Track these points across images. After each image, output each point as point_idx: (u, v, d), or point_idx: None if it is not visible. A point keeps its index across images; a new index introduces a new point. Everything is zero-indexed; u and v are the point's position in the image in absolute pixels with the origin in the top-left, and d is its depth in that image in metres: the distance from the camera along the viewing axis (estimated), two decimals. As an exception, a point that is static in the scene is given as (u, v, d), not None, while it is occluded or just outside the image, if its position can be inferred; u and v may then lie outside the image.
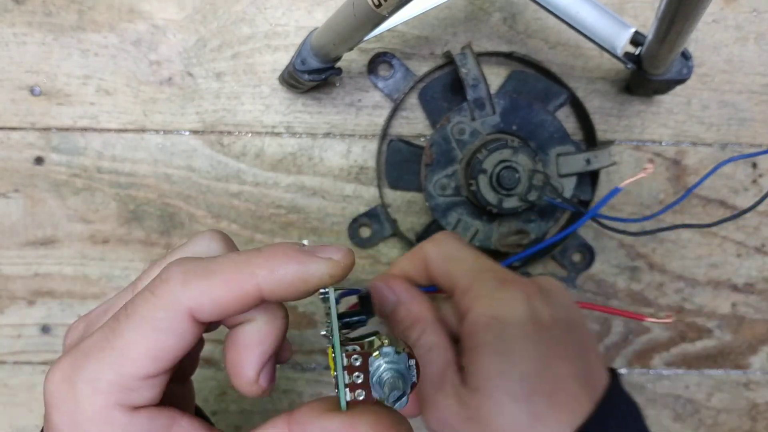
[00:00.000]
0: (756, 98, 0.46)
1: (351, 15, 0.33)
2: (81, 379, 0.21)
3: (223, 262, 0.22)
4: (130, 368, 0.21)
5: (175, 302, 0.21)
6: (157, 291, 0.22)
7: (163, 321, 0.21)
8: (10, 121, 0.46)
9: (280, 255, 0.22)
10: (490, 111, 0.43)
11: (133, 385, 0.21)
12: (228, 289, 0.22)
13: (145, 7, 0.45)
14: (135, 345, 0.21)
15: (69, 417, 0.21)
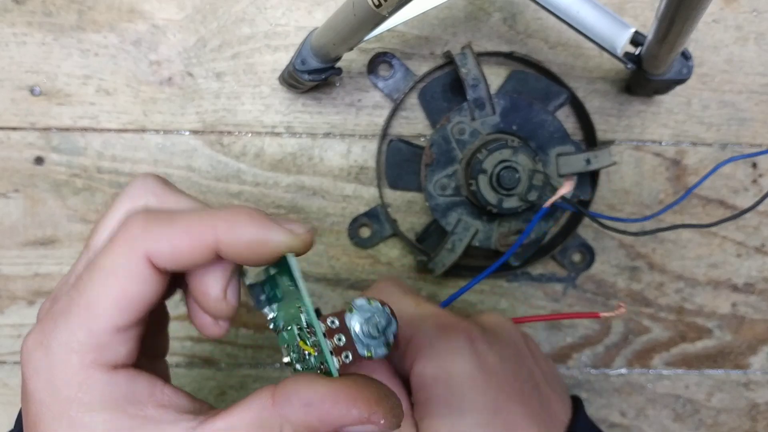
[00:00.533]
0: (756, 98, 0.46)
1: (351, 15, 0.33)
2: (54, 341, 0.21)
3: (186, 213, 0.22)
4: (99, 322, 0.21)
5: (134, 248, 0.21)
6: (119, 239, 0.22)
7: (124, 267, 0.21)
8: (10, 121, 0.46)
9: (245, 215, 0.22)
10: (490, 111, 0.43)
11: (105, 341, 0.21)
12: (188, 238, 0.22)
13: (145, 7, 0.45)
14: (100, 298, 0.21)
15: (46, 382, 0.21)
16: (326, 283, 0.47)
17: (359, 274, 0.47)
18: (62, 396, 0.21)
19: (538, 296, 0.47)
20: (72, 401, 0.21)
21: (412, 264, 0.47)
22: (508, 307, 0.47)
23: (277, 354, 0.47)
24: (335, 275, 0.47)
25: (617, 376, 0.47)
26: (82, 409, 0.21)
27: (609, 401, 0.47)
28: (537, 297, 0.47)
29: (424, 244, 0.46)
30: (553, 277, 0.47)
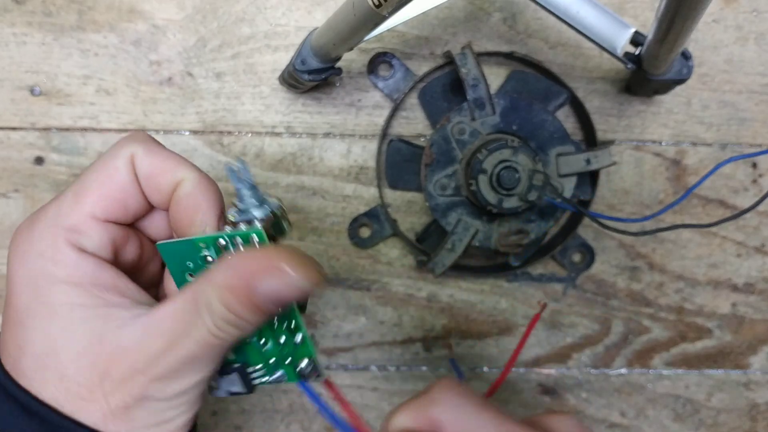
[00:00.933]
0: (756, 98, 0.46)
1: (351, 15, 0.33)
2: (39, 221, 0.24)
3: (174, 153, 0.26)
4: (79, 208, 0.24)
5: (119, 150, 0.25)
6: (114, 146, 0.25)
7: (110, 162, 0.25)
8: (10, 121, 0.46)
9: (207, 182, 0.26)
10: (490, 111, 0.43)
11: (80, 225, 0.24)
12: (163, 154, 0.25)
13: (145, 7, 0.45)
14: (86, 188, 0.24)
15: (23, 254, 0.23)
16: (326, 283, 0.47)
17: (359, 274, 0.47)
18: (35, 267, 0.23)
19: (538, 296, 0.47)
20: (42, 272, 0.23)
21: (412, 264, 0.47)
22: (508, 306, 0.47)
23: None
24: (335, 275, 0.47)
25: (617, 376, 0.47)
26: (50, 279, 0.23)
27: (609, 401, 0.47)
28: (537, 297, 0.47)
29: (424, 244, 0.46)
30: (553, 277, 0.47)
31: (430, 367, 0.47)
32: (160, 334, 0.23)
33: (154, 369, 0.23)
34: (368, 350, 0.47)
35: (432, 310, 0.47)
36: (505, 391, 0.47)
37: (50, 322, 0.23)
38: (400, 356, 0.47)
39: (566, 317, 0.47)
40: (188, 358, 0.23)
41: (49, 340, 0.23)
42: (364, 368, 0.47)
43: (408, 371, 0.47)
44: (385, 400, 0.47)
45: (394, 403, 0.47)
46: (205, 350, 0.23)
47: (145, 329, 0.23)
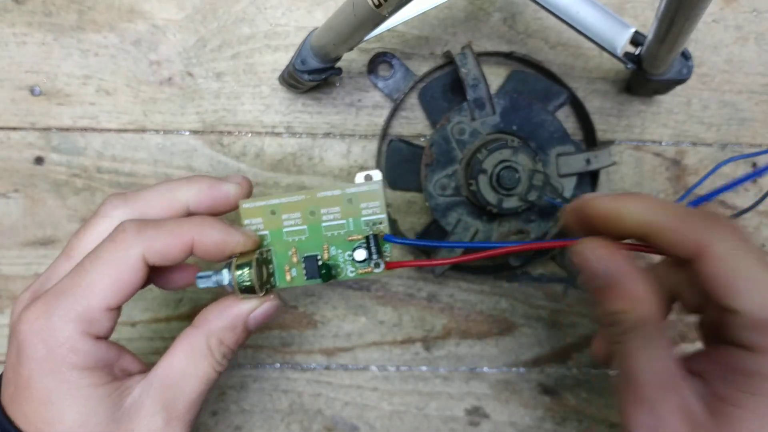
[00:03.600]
0: (756, 98, 0.46)
1: (351, 15, 0.33)
2: (55, 314, 0.26)
3: (167, 222, 0.29)
4: (96, 301, 0.27)
5: (131, 245, 0.27)
6: (117, 238, 0.27)
7: (122, 260, 0.27)
8: (10, 121, 0.46)
9: (210, 222, 0.29)
10: (490, 111, 0.43)
11: (97, 317, 0.27)
12: (173, 240, 0.28)
13: (145, 7, 0.45)
14: (100, 281, 0.27)
15: (44, 345, 0.26)
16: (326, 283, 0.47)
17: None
18: (57, 356, 0.26)
19: (538, 296, 0.47)
20: (64, 360, 0.26)
21: (412, 264, 0.47)
22: (508, 306, 0.47)
23: (276, 354, 0.47)
24: (335, 275, 0.47)
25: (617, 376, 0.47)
26: (71, 367, 0.26)
27: (609, 401, 0.47)
28: (537, 297, 0.47)
29: (424, 244, 0.46)
30: (554, 278, 0.47)
31: (430, 367, 0.47)
32: (168, 385, 0.28)
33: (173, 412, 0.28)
34: (368, 350, 0.47)
35: (432, 310, 0.47)
36: (505, 390, 0.47)
37: (76, 401, 0.26)
38: (400, 356, 0.47)
39: (566, 317, 0.47)
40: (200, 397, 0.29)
41: (79, 415, 0.26)
42: (364, 368, 0.47)
43: (408, 371, 0.47)
44: (385, 400, 0.47)
45: (394, 403, 0.47)
46: (210, 386, 0.30)
47: (151, 384, 0.28)
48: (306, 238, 0.31)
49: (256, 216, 0.31)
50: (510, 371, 0.47)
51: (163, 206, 0.30)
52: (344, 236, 0.31)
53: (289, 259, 0.31)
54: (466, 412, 0.47)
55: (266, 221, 0.31)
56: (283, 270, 0.31)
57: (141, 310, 0.47)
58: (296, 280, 0.31)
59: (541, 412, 0.47)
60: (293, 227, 0.31)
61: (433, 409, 0.47)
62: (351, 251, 0.31)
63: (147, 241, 0.28)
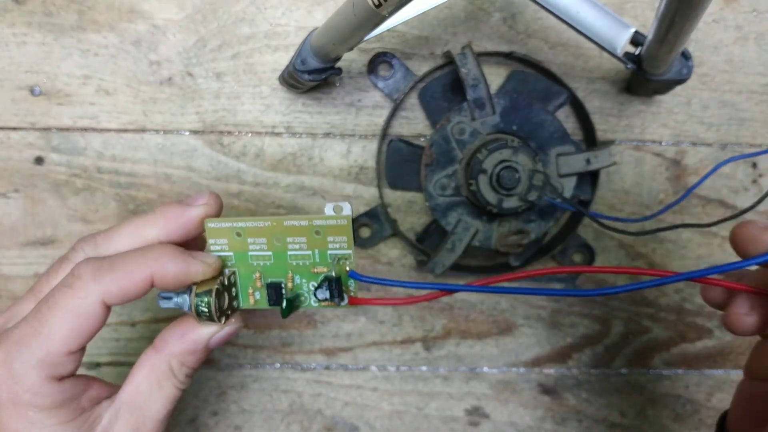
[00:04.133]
0: (756, 98, 0.46)
1: (351, 15, 0.33)
2: (17, 361, 0.27)
3: (124, 258, 0.28)
4: (57, 347, 0.27)
5: (89, 293, 0.27)
6: (74, 285, 0.27)
7: (80, 308, 0.27)
8: (10, 121, 0.46)
9: (169, 254, 0.29)
10: (490, 111, 0.43)
11: (59, 361, 0.27)
12: (131, 279, 0.28)
13: (145, 7, 0.45)
14: (59, 330, 0.27)
15: (8, 391, 0.27)
16: None
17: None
18: (22, 401, 0.27)
19: (538, 296, 0.47)
20: (29, 405, 0.27)
21: (412, 264, 0.47)
22: (508, 307, 0.47)
23: (276, 354, 0.47)
24: (335, 275, 0.47)
25: (617, 376, 0.47)
26: (37, 410, 0.27)
27: (609, 401, 0.47)
28: (537, 297, 0.47)
29: (424, 244, 0.46)
30: (554, 277, 0.47)
31: (430, 367, 0.47)
32: (135, 408, 0.29)
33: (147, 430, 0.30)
34: (368, 350, 0.47)
35: (432, 310, 0.47)
36: (505, 390, 0.47)
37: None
38: (400, 356, 0.47)
39: (566, 317, 0.47)
40: (167, 416, 0.30)
41: None
42: (364, 368, 0.47)
43: (408, 371, 0.47)
44: (384, 400, 0.47)
45: (394, 403, 0.47)
46: (175, 404, 0.31)
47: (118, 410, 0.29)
48: (271, 264, 0.31)
49: (221, 236, 0.30)
50: (510, 371, 0.47)
51: (133, 247, 0.30)
52: (309, 267, 0.30)
53: (253, 282, 0.31)
54: (466, 412, 0.47)
55: (231, 242, 0.30)
56: (247, 292, 0.31)
57: (141, 311, 0.47)
58: (259, 303, 0.31)
59: (541, 412, 0.47)
60: (258, 252, 0.30)
61: (433, 409, 0.47)
62: (316, 282, 0.30)
63: (104, 286, 0.27)
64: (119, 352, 0.47)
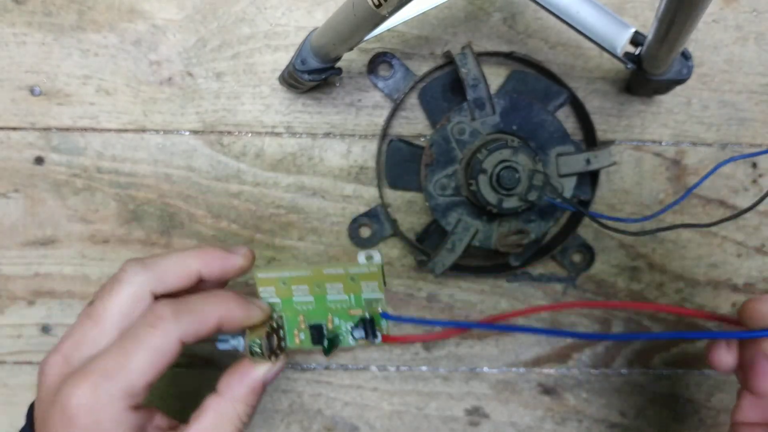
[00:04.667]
0: (756, 98, 0.46)
1: (351, 15, 0.33)
2: (103, 392, 0.30)
3: (197, 302, 0.33)
4: (138, 381, 0.30)
5: (169, 332, 0.31)
6: (156, 325, 0.31)
7: (161, 346, 0.31)
8: (10, 121, 0.46)
9: (234, 300, 0.33)
10: (490, 111, 0.43)
11: (138, 392, 0.31)
12: (204, 323, 0.32)
13: (145, 7, 0.45)
14: (141, 364, 0.30)
15: (93, 419, 0.30)
16: None
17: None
18: (104, 428, 0.30)
19: (538, 296, 0.47)
20: (106, 428, 0.30)
21: (412, 264, 0.47)
22: (508, 306, 0.47)
23: (277, 354, 0.47)
24: (335, 275, 0.47)
25: (617, 376, 0.47)
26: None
27: (609, 401, 0.47)
28: (537, 297, 0.47)
29: (424, 244, 0.46)
30: (553, 278, 0.47)
31: (430, 367, 0.47)
32: None
33: None
34: (368, 350, 0.47)
35: (432, 310, 0.47)
36: (505, 390, 0.47)
37: None
38: (400, 356, 0.47)
39: (566, 317, 0.47)
40: None
41: None
42: (364, 368, 0.47)
43: (408, 371, 0.47)
44: (385, 400, 0.47)
45: (394, 403, 0.47)
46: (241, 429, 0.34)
47: None
48: (313, 308, 0.35)
49: (269, 285, 0.35)
50: (510, 371, 0.47)
51: (177, 273, 0.33)
52: (346, 309, 0.35)
53: (298, 324, 0.35)
54: (466, 412, 0.47)
55: (278, 290, 0.35)
56: (292, 333, 0.36)
57: (141, 310, 0.47)
58: (304, 343, 0.36)
59: (541, 412, 0.47)
60: (302, 297, 0.35)
61: (433, 409, 0.47)
62: (353, 323, 0.35)
63: (182, 327, 0.31)
64: (119, 352, 0.47)
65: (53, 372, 0.32)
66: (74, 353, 0.32)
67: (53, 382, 0.31)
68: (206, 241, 0.46)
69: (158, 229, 0.46)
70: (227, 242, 0.46)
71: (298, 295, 0.35)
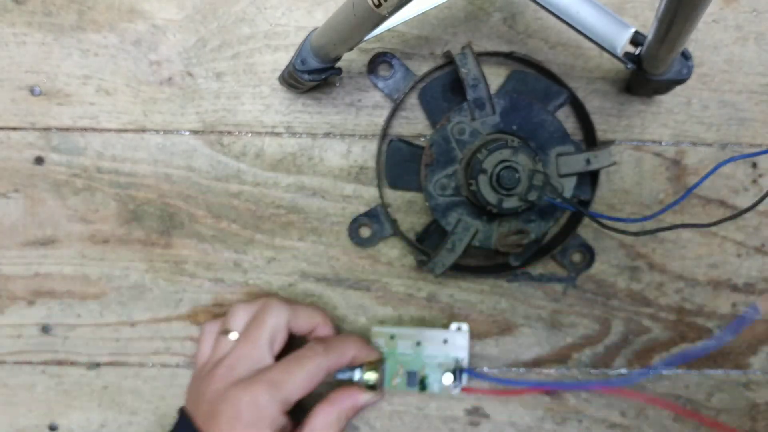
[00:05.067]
0: (756, 98, 0.46)
1: (351, 15, 0.33)
2: (269, 397, 0.38)
3: (339, 343, 0.42)
4: (294, 393, 0.39)
5: (321, 363, 0.40)
6: (313, 357, 0.40)
7: (315, 372, 0.40)
8: (10, 121, 0.46)
9: (363, 343, 0.43)
10: (490, 111, 0.43)
11: (291, 402, 0.40)
12: (343, 358, 0.42)
13: (145, 7, 0.45)
14: (300, 382, 0.39)
15: (256, 415, 0.38)
16: (326, 283, 0.47)
17: (359, 274, 0.47)
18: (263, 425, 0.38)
19: (538, 296, 0.47)
20: (265, 426, 0.38)
21: (412, 264, 0.47)
22: (508, 306, 0.47)
23: (277, 354, 0.47)
24: (335, 275, 0.47)
25: (617, 376, 0.47)
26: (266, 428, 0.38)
27: (609, 401, 0.47)
28: (537, 297, 0.47)
29: (424, 244, 0.46)
30: (553, 277, 0.47)
31: (430, 367, 0.47)
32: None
33: None
34: (368, 350, 0.47)
35: (432, 310, 0.47)
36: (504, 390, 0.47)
37: None
38: (400, 356, 0.47)
39: (566, 317, 0.47)
40: None
41: None
42: (364, 368, 0.47)
43: (408, 371, 0.47)
44: (385, 400, 0.47)
45: (394, 403, 0.47)
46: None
47: None
48: (411, 359, 0.44)
49: (380, 337, 0.44)
50: (510, 371, 0.47)
51: (306, 319, 0.43)
52: (437, 363, 0.44)
53: (397, 371, 0.44)
54: (466, 412, 0.47)
55: (386, 342, 0.45)
56: (391, 378, 0.44)
57: (141, 310, 0.47)
58: (399, 386, 0.44)
59: (541, 412, 0.47)
60: (404, 350, 0.44)
61: (433, 409, 0.47)
62: (442, 373, 0.44)
63: (330, 360, 0.41)
64: (119, 352, 0.47)
65: (222, 379, 0.40)
66: (237, 366, 0.40)
67: (222, 387, 0.39)
68: (206, 241, 0.46)
69: (158, 229, 0.46)
70: (228, 243, 0.46)
71: (402, 348, 0.44)
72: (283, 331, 0.42)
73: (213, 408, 0.39)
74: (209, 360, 0.42)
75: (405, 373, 0.44)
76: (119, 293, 0.47)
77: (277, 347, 0.41)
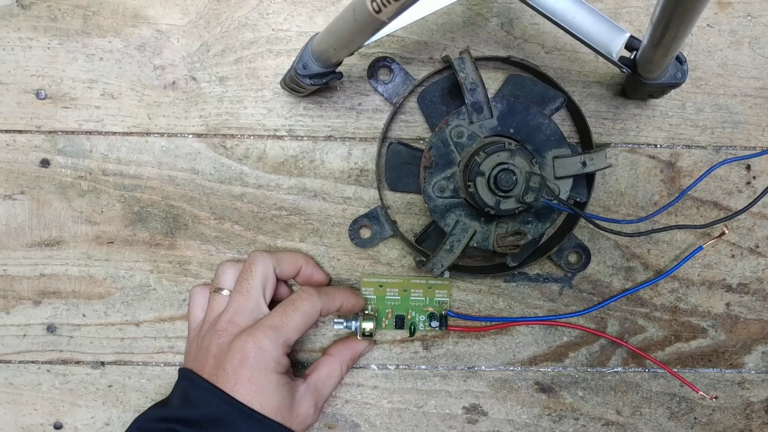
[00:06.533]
0: (750, 101, 0.47)
1: (351, 20, 0.33)
2: (271, 340, 0.40)
3: (331, 290, 0.44)
4: (293, 334, 0.41)
5: (315, 304, 0.42)
6: (308, 298, 0.42)
7: (310, 313, 0.42)
8: (16, 124, 0.46)
9: (353, 292, 0.46)
10: (487, 114, 0.43)
11: (291, 343, 0.41)
12: (334, 302, 0.44)
13: (150, 13, 0.46)
14: (297, 323, 0.41)
15: (262, 357, 0.40)
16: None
17: (359, 275, 0.47)
18: (268, 367, 0.40)
19: (534, 296, 0.47)
20: (272, 369, 0.40)
21: (412, 264, 0.47)
22: (505, 306, 0.47)
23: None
24: (336, 275, 0.47)
25: (612, 374, 0.48)
26: (274, 372, 0.40)
27: (605, 399, 0.48)
28: (534, 297, 0.47)
29: (424, 245, 0.47)
30: (550, 278, 0.47)
31: (429, 366, 0.48)
32: (317, 389, 0.44)
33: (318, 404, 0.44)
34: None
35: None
36: (502, 389, 0.48)
37: (275, 390, 0.40)
38: (399, 355, 0.48)
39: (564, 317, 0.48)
40: (331, 394, 0.46)
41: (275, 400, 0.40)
42: (364, 367, 0.48)
43: (407, 370, 0.48)
44: (384, 398, 0.48)
45: (394, 401, 0.47)
46: (336, 388, 0.47)
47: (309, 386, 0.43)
48: (398, 304, 0.47)
49: (370, 286, 0.47)
50: (507, 370, 0.48)
51: (290, 264, 0.45)
52: (422, 307, 0.47)
53: (386, 314, 0.47)
54: (464, 410, 0.48)
55: (376, 290, 0.47)
56: (381, 320, 0.47)
57: (145, 310, 0.47)
58: (387, 327, 0.47)
59: (538, 409, 0.48)
60: (392, 297, 0.47)
61: (432, 406, 0.48)
62: (424, 317, 0.47)
63: (322, 302, 0.43)
64: (123, 351, 0.48)
65: (224, 333, 0.41)
66: (236, 318, 0.41)
67: (225, 340, 0.41)
68: (210, 243, 0.47)
69: (162, 231, 0.47)
70: (231, 244, 0.47)
71: (390, 295, 0.47)
72: (272, 278, 0.43)
73: (219, 361, 0.40)
74: (206, 319, 0.43)
75: (393, 316, 0.47)
76: (124, 293, 0.47)
77: (269, 294, 0.43)
